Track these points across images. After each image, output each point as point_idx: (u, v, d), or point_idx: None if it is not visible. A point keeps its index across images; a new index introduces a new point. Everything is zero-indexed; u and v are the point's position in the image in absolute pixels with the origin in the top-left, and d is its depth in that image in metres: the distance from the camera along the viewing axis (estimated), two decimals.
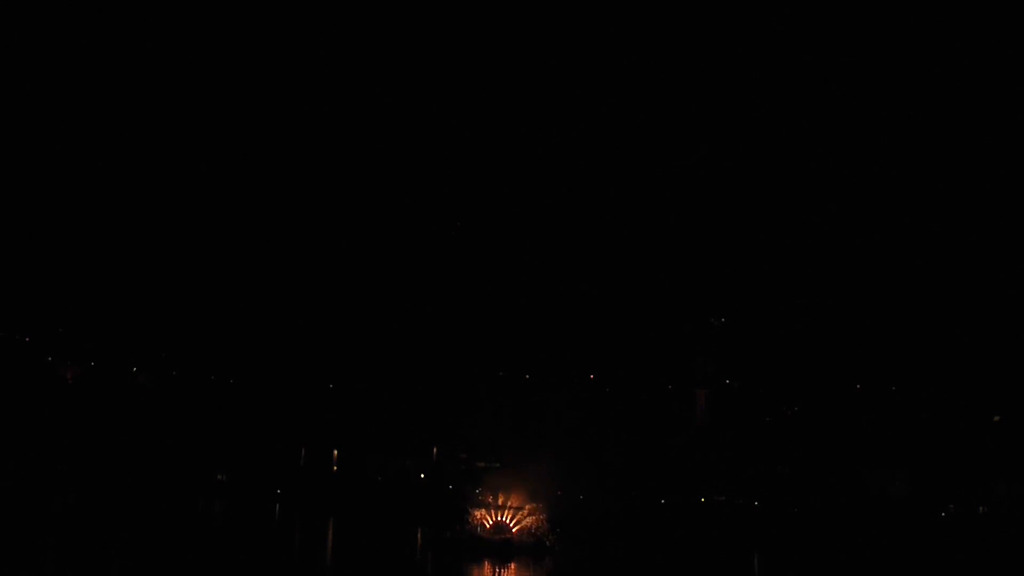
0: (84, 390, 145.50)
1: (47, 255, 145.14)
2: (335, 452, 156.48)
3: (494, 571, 67.92)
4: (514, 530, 77.30)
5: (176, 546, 74.47)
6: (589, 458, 76.32)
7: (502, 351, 78.91)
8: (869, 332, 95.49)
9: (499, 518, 77.89)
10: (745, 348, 73.37)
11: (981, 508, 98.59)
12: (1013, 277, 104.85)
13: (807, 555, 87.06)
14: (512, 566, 69.76)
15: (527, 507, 78.10)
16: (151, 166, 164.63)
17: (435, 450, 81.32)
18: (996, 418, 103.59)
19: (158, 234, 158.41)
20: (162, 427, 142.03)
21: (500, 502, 78.45)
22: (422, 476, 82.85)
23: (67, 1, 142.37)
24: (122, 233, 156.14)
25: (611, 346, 75.82)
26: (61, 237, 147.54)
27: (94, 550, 68.12)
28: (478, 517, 78.25)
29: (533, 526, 77.53)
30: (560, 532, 78.07)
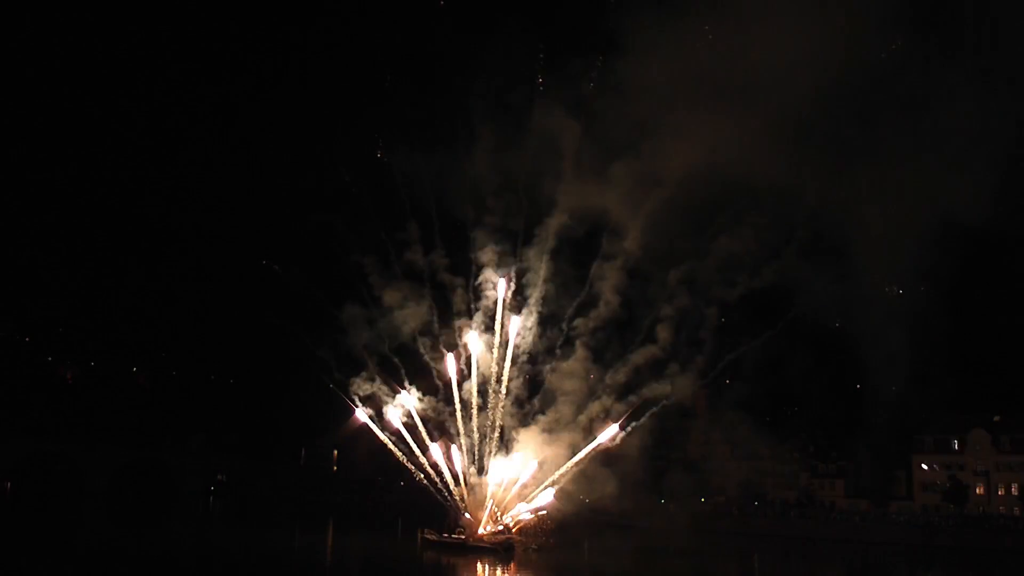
0: (84, 390, 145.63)
1: (47, 255, 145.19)
2: (335, 452, 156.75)
3: (494, 571, 67.88)
4: (514, 530, 77.23)
5: (176, 546, 74.54)
6: (590, 457, 76.08)
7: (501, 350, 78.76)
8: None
9: (499, 518, 77.81)
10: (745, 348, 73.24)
11: (982, 508, 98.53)
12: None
13: (807, 555, 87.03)
14: (512, 566, 69.72)
15: (521, 509, 78.02)
16: (151, 166, 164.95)
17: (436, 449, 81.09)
18: (996, 418, 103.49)
19: (158, 234, 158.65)
20: (162, 427, 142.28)
21: (500, 503, 78.37)
22: (422, 476, 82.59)
23: None
24: (122, 233, 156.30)
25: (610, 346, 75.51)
26: (61, 237, 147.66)
27: (95, 550, 68.14)
28: (478, 517, 78.21)
29: (533, 526, 77.45)
30: (560, 532, 78.00)
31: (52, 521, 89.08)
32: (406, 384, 78.35)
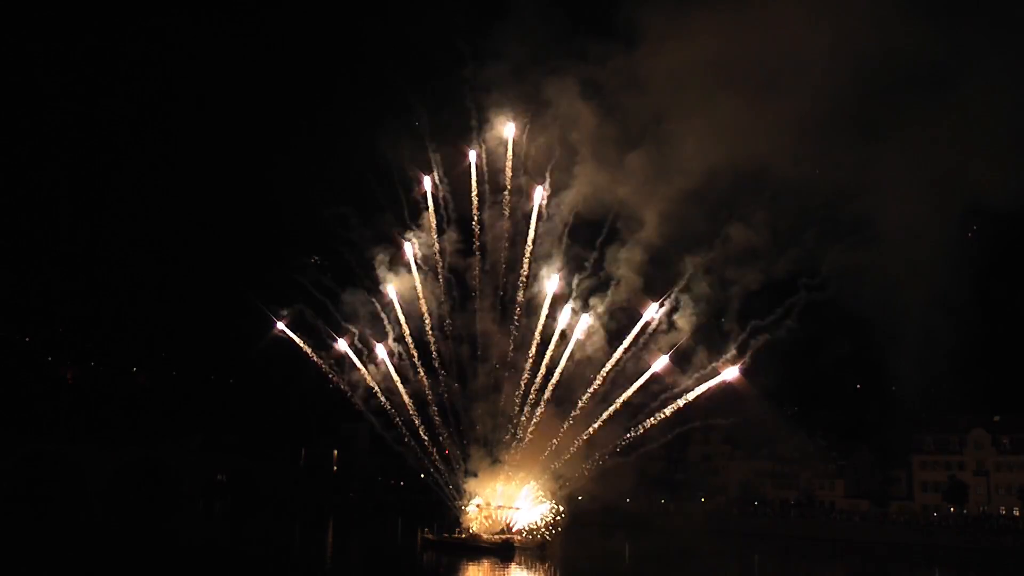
0: (84, 390, 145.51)
1: (47, 255, 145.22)
2: (335, 452, 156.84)
3: (494, 571, 67.82)
4: (514, 530, 77.18)
5: (176, 546, 74.49)
6: (590, 457, 75.98)
7: (502, 352, 78.72)
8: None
9: (499, 518, 77.77)
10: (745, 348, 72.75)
11: (982, 508, 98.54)
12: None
13: (807, 555, 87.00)
14: (512, 566, 69.65)
15: (526, 507, 77.93)
16: (150, 167, 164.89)
17: (435, 450, 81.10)
18: (996, 418, 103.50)
19: (157, 235, 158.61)
20: (162, 427, 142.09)
21: (500, 502, 78.34)
22: (422, 476, 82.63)
23: None
24: (122, 233, 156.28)
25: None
26: (61, 237, 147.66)
27: (95, 550, 68.10)
28: (478, 517, 78.21)
29: (533, 526, 77.34)
30: (560, 531, 77.87)
31: (52, 521, 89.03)
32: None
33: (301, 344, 79.14)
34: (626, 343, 71.67)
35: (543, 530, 76.58)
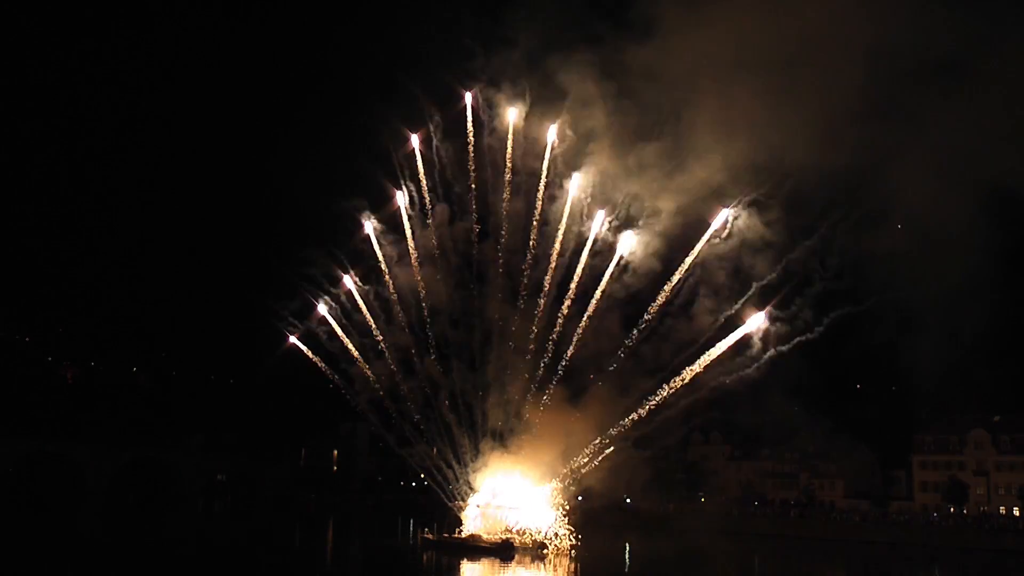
0: (84, 390, 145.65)
1: (47, 255, 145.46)
2: (335, 452, 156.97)
3: (494, 571, 67.79)
4: (514, 530, 77.08)
5: (176, 546, 74.52)
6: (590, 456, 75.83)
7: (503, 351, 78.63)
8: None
9: (499, 518, 77.68)
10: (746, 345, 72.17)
11: (982, 508, 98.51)
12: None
13: (807, 555, 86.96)
14: (512, 566, 69.60)
15: (527, 507, 77.84)
16: (150, 167, 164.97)
17: (435, 450, 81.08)
18: (996, 418, 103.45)
19: (157, 235, 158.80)
20: (162, 427, 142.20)
21: (500, 502, 78.27)
22: (422, 476, 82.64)
23: None
24: (121, 234, 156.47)
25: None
26: (61, 237, 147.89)
27: (95, 550, 68.12)
28: (478, 517, 78.17)
29: (533, 526, 77.23)
30: (561, 532, 77.72)
31: (52, 521, 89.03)
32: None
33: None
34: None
35: (547, 535, 76.20)
